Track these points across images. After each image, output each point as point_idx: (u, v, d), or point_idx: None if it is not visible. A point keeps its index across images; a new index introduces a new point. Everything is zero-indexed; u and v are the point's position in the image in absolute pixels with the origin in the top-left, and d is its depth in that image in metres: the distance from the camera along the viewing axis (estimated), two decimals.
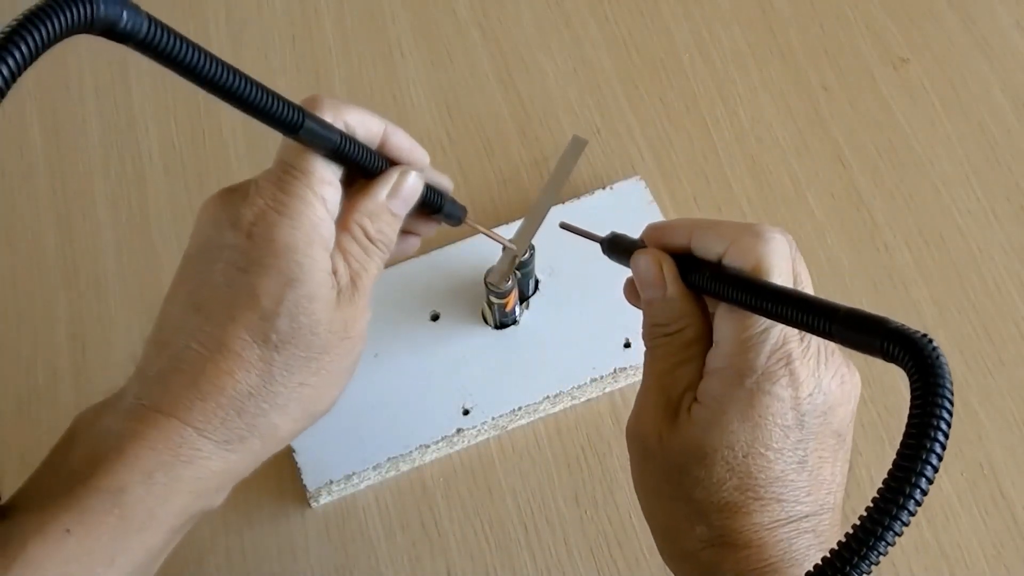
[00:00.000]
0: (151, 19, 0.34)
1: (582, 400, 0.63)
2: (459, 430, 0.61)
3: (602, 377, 0.62)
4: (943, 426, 0.32)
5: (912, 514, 0.31)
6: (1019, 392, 0.62)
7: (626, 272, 0.47)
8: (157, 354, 0.42)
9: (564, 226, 0.53)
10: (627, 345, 0.62)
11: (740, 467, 0.40)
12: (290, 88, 0.73)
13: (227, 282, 0.41)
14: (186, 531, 0.43)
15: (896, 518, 0.31)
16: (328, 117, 0.41)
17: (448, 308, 0.64)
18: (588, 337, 0.63)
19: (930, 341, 0.33)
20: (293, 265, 0.41)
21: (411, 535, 0.60)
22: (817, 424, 0.40)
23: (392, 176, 0.45)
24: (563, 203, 0.67)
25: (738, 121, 0.71)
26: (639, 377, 0.63)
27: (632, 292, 0.46)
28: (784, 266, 0.40)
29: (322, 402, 0.44)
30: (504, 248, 0.60)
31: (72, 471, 0.39)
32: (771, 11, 0.75)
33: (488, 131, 0.71)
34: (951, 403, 0.32)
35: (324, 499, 0.60)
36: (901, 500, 0.31)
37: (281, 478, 0.61)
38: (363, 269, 0.44)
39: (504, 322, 0.63)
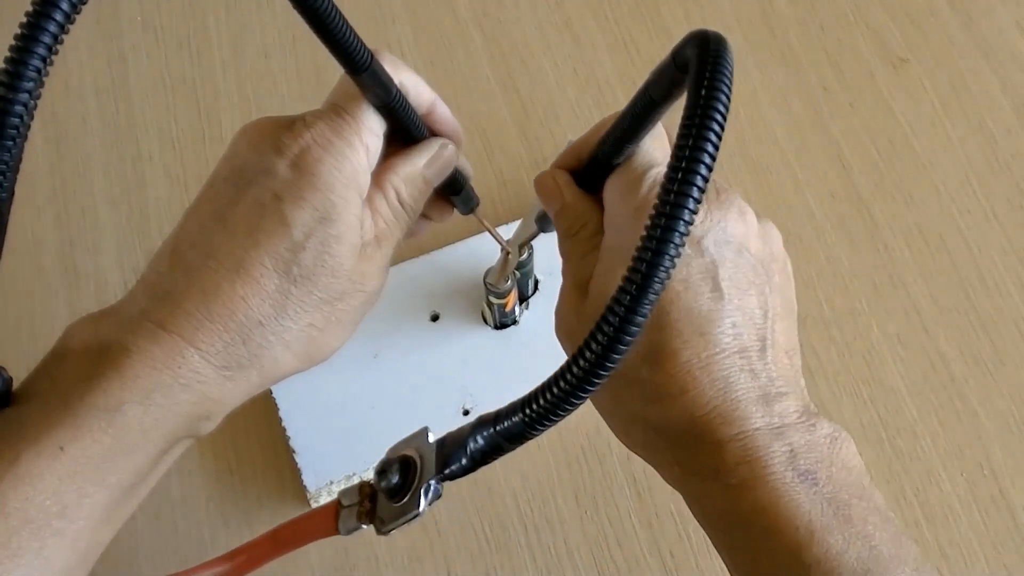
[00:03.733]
0: None
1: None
2: None
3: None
4: (715, 129, 0.31)
5: (697, 201, 0.31)
6: (1019, 392, 0.62)
7: None
8: (169, 269, 0.41)
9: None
10: None
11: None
12: (291, 89, 0.73)
13: (259, 205, 0.41)
14: (173, 458, 0.42)
15: (683, 206, 0.31)
16: (387, 71, 0.42)
17: (448, 308, 0.64)
18: None
19: (705, 31, 0.33)
20: (329, 204, 0.41)
21: (411, 535, 0.60)
22: (722, 252, 0.40)
23: (433, 145, 0.46)
24: None
25: (738, 121, 0.71)
26: None
27: (543, 217, 0.49)
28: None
29: (324, 349, 0.44)
30: (502, 250, 0.60)
31: (69, 382, 0.39)
32: (771, 11, 0.75)
33: (488, 131, 0.71)
34: (727, 104, 0.31)
35: (324, 499, 0.60)
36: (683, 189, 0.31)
37: (281, 478, 0.61)
38: (389, 231, 0.44)
39: (504, 322, 0.63)
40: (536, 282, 0.64)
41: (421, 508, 0.40)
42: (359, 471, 0.59)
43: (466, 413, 0.61)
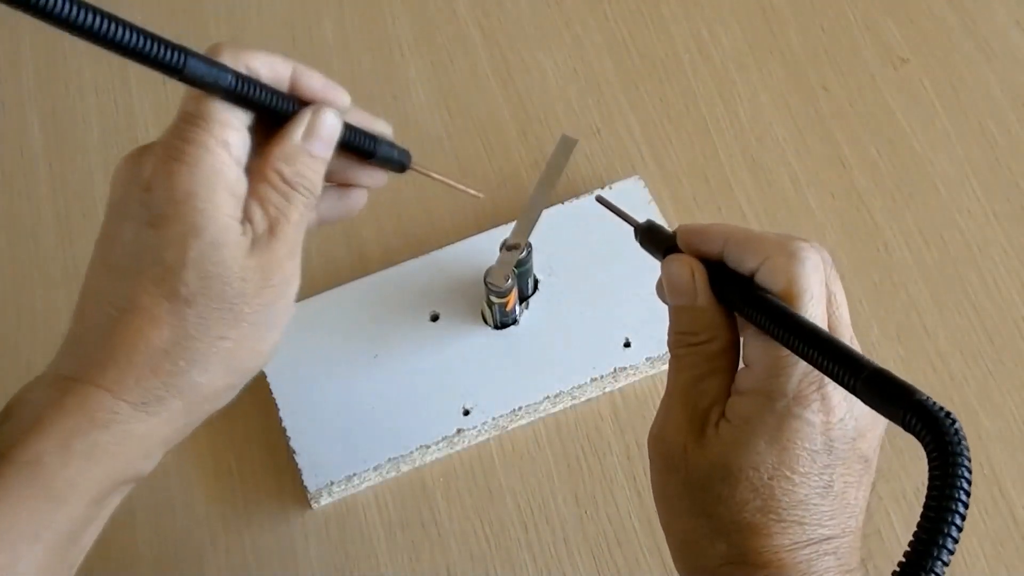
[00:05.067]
0: None
1: (582, 400, 0.63)
2: (459, 430, 0.61)
3: (602, 377, 0.62)
4: (959, 512, 0.32)
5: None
6: (1019, 392, 0.62)
7: (628, 271, 0.47)
8: (76, 323, 0.41)
9: (600, 200, 0.50)
10: (627, 345, 0.62)
11: (764, 489, 0.39)
12: None
13: (134, 238, 0.40)
14: (116, 502, 0.42)
15: None
16: (227, 60, 0.40)
17: (448, 308, 0.64)
18: (588, 337, 0.63)
19: (953, 421, 0.33)
20: (195, 213, 0.39)
21: (411, 535, 0.60)
22: (846, 450, 0.40)
23: (305, 116, 0.43)
24: (562, 203, 0.67)
25: (738, 121, 0.71)
26: (639, 377, 0.63)
27: (662, 292, 0.45)
28: (817, 289, 0.40)
29: (248, 358, 0.42)
30: (501, 248, 0.60)
31: None
32: (771, 11, 0.75)
33: (488, 131, 0.71)
34: (968, 489, 0.32)
35: (325, 500, 0.60)
36: None
37: (281, 479, 0.61)
38: (282, 215, 0.42)
39: (504, 322, 0.63)
40: (536, 281, 0.64)
41: None
42: (359, 471, 0.59)
43: (466, 413, 0.61)
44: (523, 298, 0.63)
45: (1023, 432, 0.61)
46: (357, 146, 0.45)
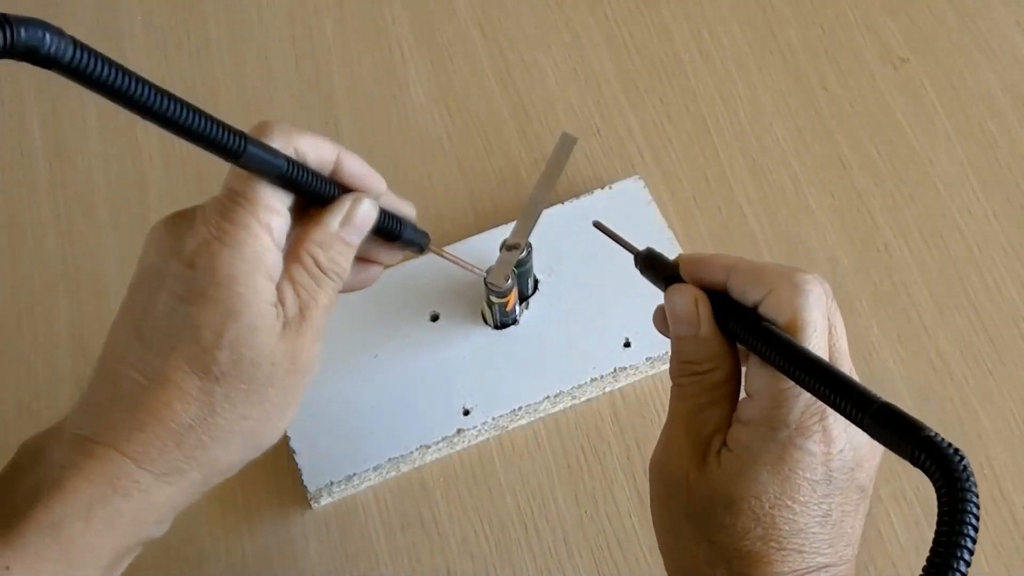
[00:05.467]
0: (76, 42, 0.33)
1: (582, 400, 0.63)
2: (459, 430, 0.61)
3: (602, 377, 0.62)
4: (968, 547, 0.32)
5: None
6: (1019, 392, 0.62)
7: (628, 271, 0.47)
8: (100, 383, 0.41)
9: (598, 226, 0.51)
10: (627, 345, 0.62)
11: (766, 518, 0.40)
12: (290, 89, 0.73)
13: (169, 312, 0.40)
14: (125, 566, 0.43)
15: None
16: (278, 143, 0.40)
17: (448, 308, 0.64)
18: (588, 337, 0.63)
19: (962, 458, 0.33)
20: (235, 296, 0.40)
21: (411, 535, 0.60)
22: (844, 480, 0.40)
23: (345, 204, 0.43)
24: (562, 203, 0.67)
25: (738, 121, 0.71)
26: (639, 377, 0.63)
27: (662, 321, 0.45)
28: (820, 322, 0.40)
29: (266, 435, 0.43)
30: (501, 248, 0.60)
31: (14, 503, 0.39)
32: (771, 11, 0.75)
33: (488, 131, 0.71)
34: (976, 525, 0.32)
35: (325, 500, 0.60)
36: None
37: (281, 479, 0.61)
38: (312, 300, 0.43)
39: (504, 322, 0.63)
40: (536, 281, 0.64)
41: None
42: (359, 471, 0.59)
43: (466, 413, 0.61)
44: (523, 298, 0.63)
45: (1023, 432, 0.61)
46: (385, 230, 0.46)
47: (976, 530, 0.32)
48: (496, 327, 0.63)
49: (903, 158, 0.69)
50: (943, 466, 0.33)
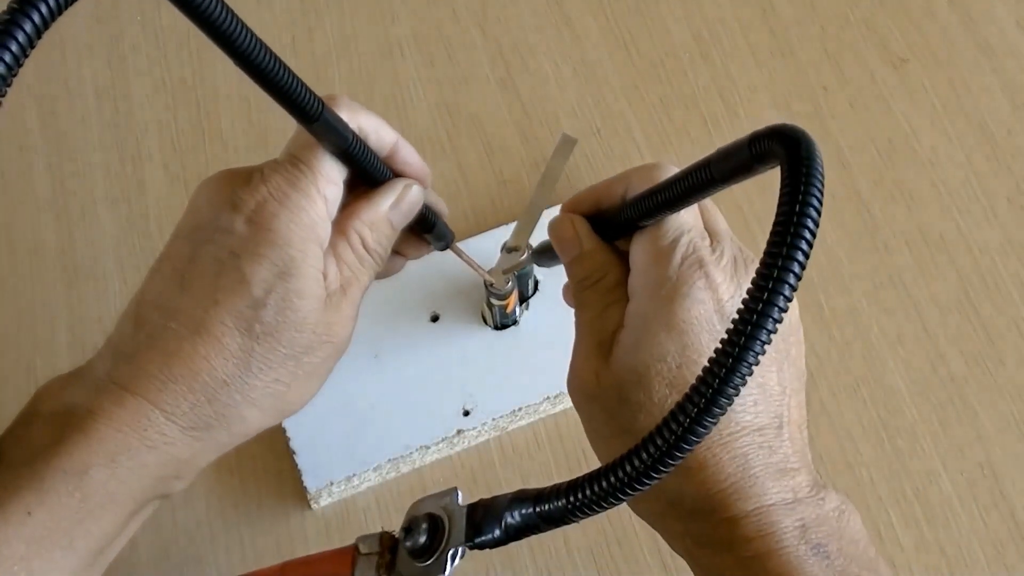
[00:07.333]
0: None
1: None
2: (459, 431, 0.61)
3: None
4: (814, 204, 0.31)
5: (786, 305, 0.31)
6: (1019, 392, 0.62)
7: None
8: (133, 330, 0.41)
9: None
10: None
11: (677, 379, 0.39)
12: None
13: (217, 264, 0.40)
14: (145, 517, 0.42)
15: (768, 314, 0.31)
16: (344, 116, 0.41)
17: (448, 309, 0.64)
18: None
19: (794, 128, 0.33)
20: (288, 259, 0.40)
21: None
22: None
23: (397, 187, 0.44)
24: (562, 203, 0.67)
25: (738, 121, 0.71)
26: None
27: (569, 294, 0.47)
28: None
29: (293, 403, 0.43)
30: (502, 250, 0.60)
31: (36, 446, 0.38)
32: (771, 11, 0.75)
33: (488, 131, 0.71)
34: (821, 184, 0.31)
35: (325, 500, 0.60)
36: (771, 299, 0.31)
37: (281, 479, 0.61)
38: (355, 278, 0.43)
39: (504, 323, 0.63)
40: (536, 282, 0.64)
41: (447, 573, 0.38)
42: (359, 471, 0.59)
43: (466, 414, 0.61)
44: (523, 299, 0.63)
45: (1023, 432, 0.61)
46: (424, 220, 0.47)
47: (821, 194, 0.31)
48: (496, 328, 0.63)
49: (903, 158, 0.70)
50: (777, 136, 0.33)
